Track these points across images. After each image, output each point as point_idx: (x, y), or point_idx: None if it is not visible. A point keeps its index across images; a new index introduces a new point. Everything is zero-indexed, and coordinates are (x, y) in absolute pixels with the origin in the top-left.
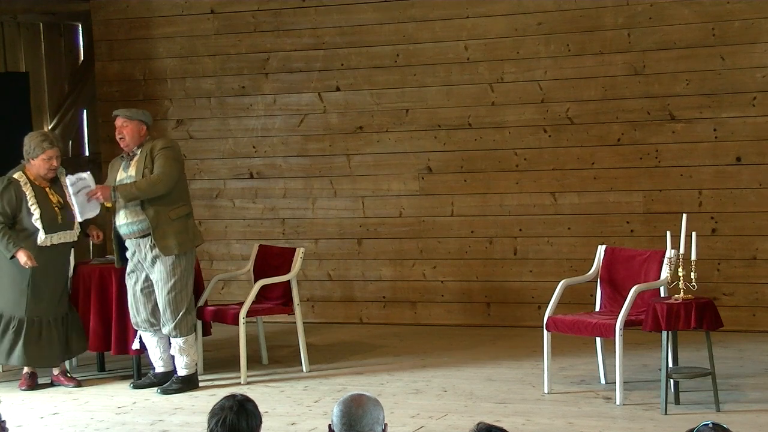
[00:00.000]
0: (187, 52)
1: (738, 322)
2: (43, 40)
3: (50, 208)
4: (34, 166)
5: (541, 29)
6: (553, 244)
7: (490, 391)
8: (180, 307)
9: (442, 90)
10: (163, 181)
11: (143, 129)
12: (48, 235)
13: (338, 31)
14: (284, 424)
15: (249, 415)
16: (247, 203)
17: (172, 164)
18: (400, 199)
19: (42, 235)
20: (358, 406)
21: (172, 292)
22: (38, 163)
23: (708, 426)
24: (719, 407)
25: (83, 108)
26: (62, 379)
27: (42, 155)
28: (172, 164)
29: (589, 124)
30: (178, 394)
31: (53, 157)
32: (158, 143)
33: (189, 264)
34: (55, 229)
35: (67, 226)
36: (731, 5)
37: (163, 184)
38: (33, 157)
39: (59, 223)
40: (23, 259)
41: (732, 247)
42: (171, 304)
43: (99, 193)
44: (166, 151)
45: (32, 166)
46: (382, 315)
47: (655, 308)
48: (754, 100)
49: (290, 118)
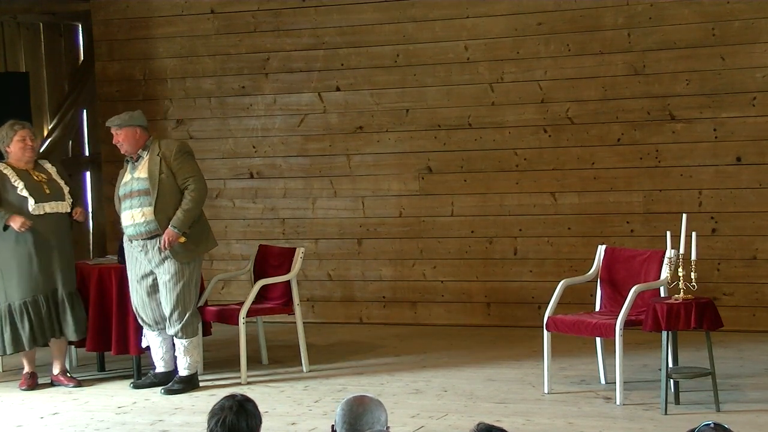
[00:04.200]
0: (187, 52)
1: (738, 322)
2: (43, 40)
3: (35, 182)
4: (12, 153)
5: (541, 29)
6: (553, 244)
7: (490, 391)
8: (186, 309)
9: (442, 90)
10: (201, 188)
11: (137, 132)
12: (38, 204)
13: (338, 31)
14: (284, 424)
15: (249, 415)
16: (247, 203)
17: (197, 167)
18: (400, 199)
19: (32, 202)
20: (360, 406)
21: (180, 294)
22: (14, 147)
23: (709, 426)
24: (719, 407)
25: (83, 108)
26: (62, 378)
27: (15, 137)
28: (196, 167)
29: (589, 124)
30: (179, 395)
31: (26, 136)
32: (171, 147)
33: (197, 266)
34: (43, 198)
35: (56, 197)
36: (731, 5)
37: (203, 192)
38: (8, 144)
39: (47, 193)
40: (17, 223)
41: (732, 247)
42: (178, 306)
43: (168, 240)
44: (186, 157)
45: (11, 155)
46: (382, 315)
47: (655, 308)
48: (754, 100)
49: (290, 118)
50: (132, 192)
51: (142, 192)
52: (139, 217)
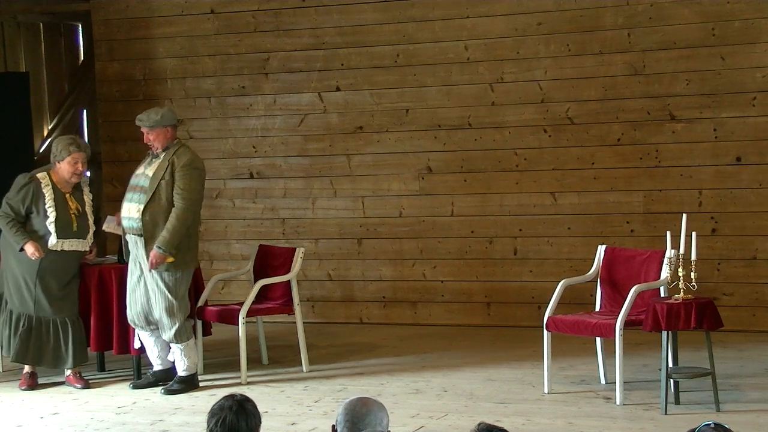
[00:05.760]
0: (187, 52)
1: (738, 322)
2: (43, 40)
3: (67, 213)
4: (60, 170)
5: (541, 29)
6: (553, 244)
7: (490, 391)
8: (177, 315)
9: (442, 90)
10: (187, 208)
11: (169, 131)
12: (60, 240)
13: (338, 31)
14: (284, 424)
15: (248, 415)
16: (247, 203)
17: (197, 187)
18: (400, 199)
19: (54, 239)
20: (364, 407)
21: (168, 301)
22: (64, 167)
23: (710, 426)
24: (719, 407)
25: (83, 108)
26: (72, 379)
27: (68, 158)
28: (196, 186)
29: (589, 124)
30: (179, 395)
31: (79, 160)
32: (183, 157)
33: (185, 274)
34: (68, 235)
35: (80, 235)
36: (731, 5)
37: (191, 212)
38: (59, 159)
39: (74, 230)
40: (31, 250)
41: (732, 247)
42: (168, 313)
43: (154, 262)
44: (191, 172)
45: (58, 170)
46: (382, 315)
47: (655, 308)
48: (754, 100)
49: (290, 118)
50: (137, 186)
51: (144, 189)
52: (134, 212)
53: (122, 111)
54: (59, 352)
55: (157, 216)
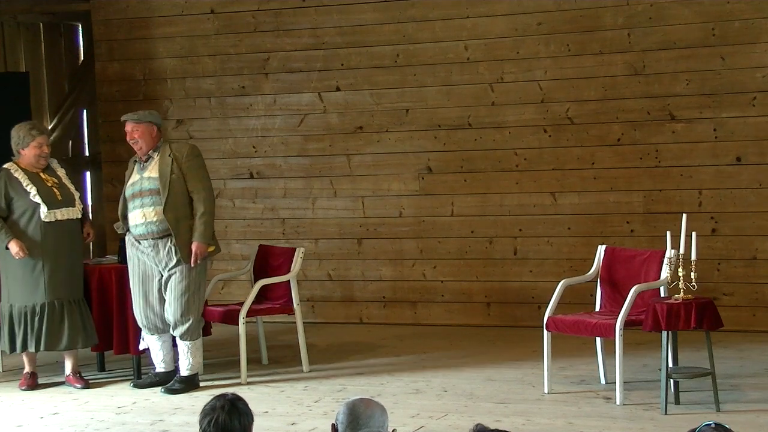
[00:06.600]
0: (187, 52)
1: (738, 322)
2: (43, 40)
3: (46, 186)
4: (25, 157)
5: (541, 29)
6: (553, 244)
7: (490, 391)
8: (192, 312)
9: (442, 90)
10: (210, 197)
11: (154, 130)
12: (50, 210)
13: (338, 31)
14: (284, 424)
15: (241, 413)
16: (247, 203)
17: (206, 172)
18: (400, 199)
19: (44, 209)
20: (365, 407)
21: (186, 296)
22: (29, 152)
23: (710, 426)
24: (719, 407)
25: (83, 108)
26: (72, 379)
27: (32, 143)
28: (206, 173)
29: (589, 124)
30: (179, 394)
31: (43, 143)
32: (183, 149)
33: (204, 269)
34: (56, 205)
35: (67, 203)
36: (731, 5)
37: (212, 197)
38: (23, 146)
39: (59, 199)
40: (15, 249)
41: (732, 247)
42: (184, 308)
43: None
44: (196, 161)
45: (23, 157)
46: (382, 315)
47: (655, 308)
48: (754, 100)
49: (290, 118)
50: (143, 191)
51: (154, 191)
52: (151, 216)
53: (122, 111)
54: (77, 332)
55: (179, 211)
